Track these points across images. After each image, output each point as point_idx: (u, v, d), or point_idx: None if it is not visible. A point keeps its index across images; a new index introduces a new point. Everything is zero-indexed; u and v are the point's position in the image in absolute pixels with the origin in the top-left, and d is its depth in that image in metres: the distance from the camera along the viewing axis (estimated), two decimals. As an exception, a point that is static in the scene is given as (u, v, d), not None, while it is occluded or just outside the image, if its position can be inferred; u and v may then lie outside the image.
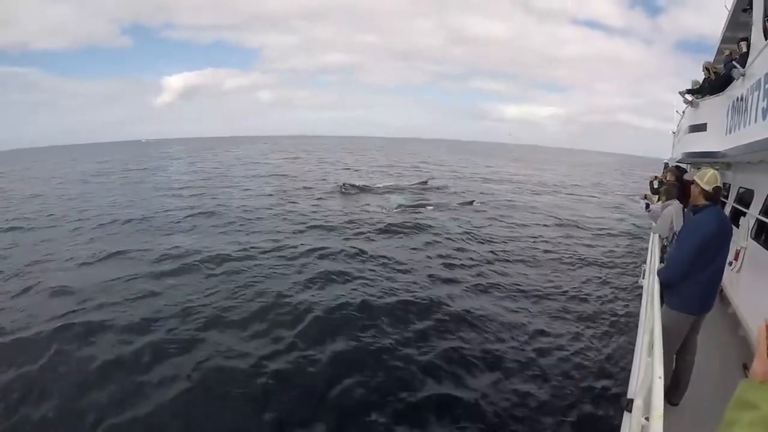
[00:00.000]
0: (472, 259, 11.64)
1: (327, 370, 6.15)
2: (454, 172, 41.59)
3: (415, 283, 9.53)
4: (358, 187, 24.56)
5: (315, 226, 14.77)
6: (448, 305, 8.33)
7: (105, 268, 10.72)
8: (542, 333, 7.49)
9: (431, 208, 19.19)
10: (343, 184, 24.66)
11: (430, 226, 15.35)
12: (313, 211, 17.65)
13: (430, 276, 10.02)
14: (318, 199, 21.35)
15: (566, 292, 9.48)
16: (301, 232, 14.02)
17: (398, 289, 9.01)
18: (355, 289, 8.87)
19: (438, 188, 26.77)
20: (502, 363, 6.50)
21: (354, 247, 12.05)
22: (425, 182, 28.17)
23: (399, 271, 10.29)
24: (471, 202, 21.62)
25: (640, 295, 5.98)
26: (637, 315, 5.72)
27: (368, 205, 19.54)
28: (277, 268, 10.21)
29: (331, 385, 5.79)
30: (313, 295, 8.57)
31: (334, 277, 9.56)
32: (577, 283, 10.15)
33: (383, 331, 7.27)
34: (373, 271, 10.19)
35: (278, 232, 13.97)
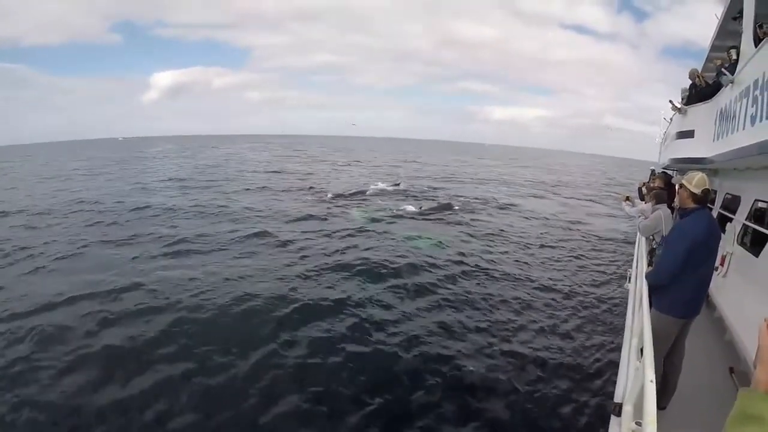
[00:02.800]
0: (443, 266, 11.32)
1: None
2: (435, 173, 41.17)
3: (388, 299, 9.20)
4: (339, 195, 22.68)
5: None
6: (424, 317, 8.17)
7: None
8: (525, 338, 7.44)
9: (406, 212, 18.40)
10: (310, 187, 23.84)
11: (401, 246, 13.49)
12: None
13: (407, 292, 9.53)
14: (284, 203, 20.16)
15: (550, 297, 9.44)
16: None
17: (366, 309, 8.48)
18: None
19: (415, 191, 25.92)
20: (482, 368, 6.41)
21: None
22: (399, 185, 27.20)
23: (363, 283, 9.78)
24: (450, 206, 20.65)
25: (626, 299, 5.99)
26: (622, 319, 5.73)
27: (331, 218, 17.09)
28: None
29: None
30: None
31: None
32: (561, 287, 10.10)
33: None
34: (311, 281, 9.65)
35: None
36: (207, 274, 9.79)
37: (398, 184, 27.53)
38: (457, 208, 20.71)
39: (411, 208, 19.29)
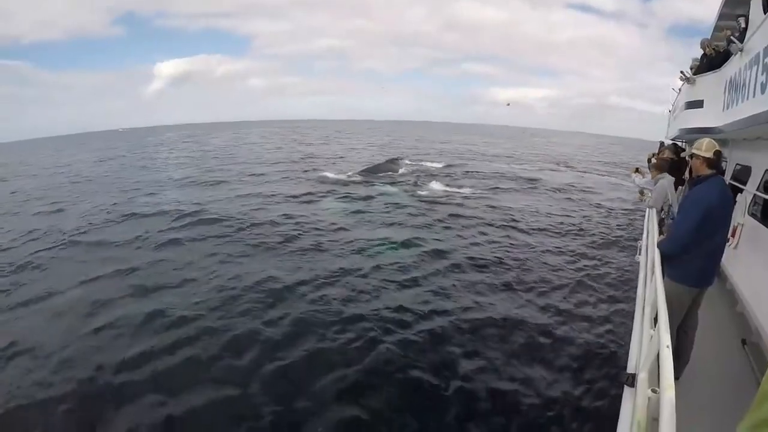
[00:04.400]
0: (458, 238, 11.65)
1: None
2: (447, 152, 40.75)
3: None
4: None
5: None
6: (433, 285, 8.40)
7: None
8: (533, 312, 7.53)
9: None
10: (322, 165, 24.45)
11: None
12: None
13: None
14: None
15: (558, 272, 9.51)
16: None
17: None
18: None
19: (430, 169, 26.05)
20: (488, 342, 6.51)
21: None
22: (403, 160, 26.91)
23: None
24: (468, 181, 21.46)
25: (636, 271, 6.00)
26: (632, 292, 5.73)
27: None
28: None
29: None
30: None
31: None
32: (570, 261, 10.19)
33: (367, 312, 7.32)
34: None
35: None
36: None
37: (401, 158, 27.81)
38: (474, 181, 21.64)
39: (434, 186, 19.75)
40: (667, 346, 2.09)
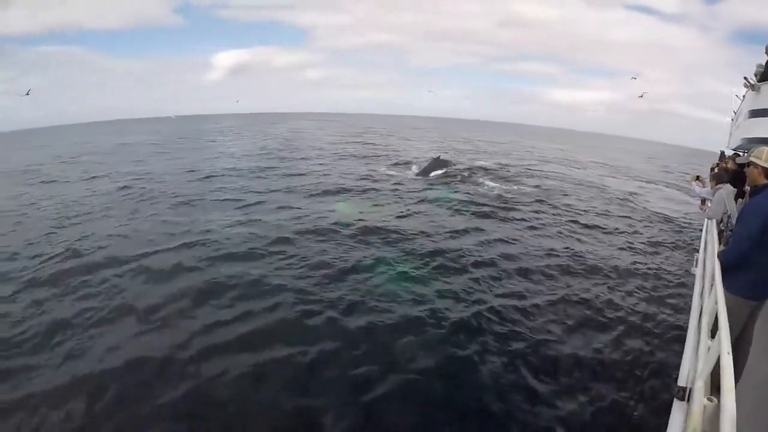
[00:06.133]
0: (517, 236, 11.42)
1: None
2: (512, 153, 39.49)
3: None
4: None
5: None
6: (483, 292, 8.31)
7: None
8: (581, 322, 7.37)
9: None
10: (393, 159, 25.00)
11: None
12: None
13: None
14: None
15: (605, 283, 9.20)
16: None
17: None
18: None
19: (492, 169, 24.96)
20: (533, 348, 6.45)
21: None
22: (439, 157, 25.22)
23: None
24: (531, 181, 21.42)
25: (690, 284, 5.79)
26: (685, 306, 5.51)
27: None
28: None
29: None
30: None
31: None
32: (621, 272, 9.82)
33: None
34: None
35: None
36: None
37: (456, 156, 28.24)
38: (531, 181, 21.77)
39: (490, 183, 20.00)
40: (728, 353, 2.06)
